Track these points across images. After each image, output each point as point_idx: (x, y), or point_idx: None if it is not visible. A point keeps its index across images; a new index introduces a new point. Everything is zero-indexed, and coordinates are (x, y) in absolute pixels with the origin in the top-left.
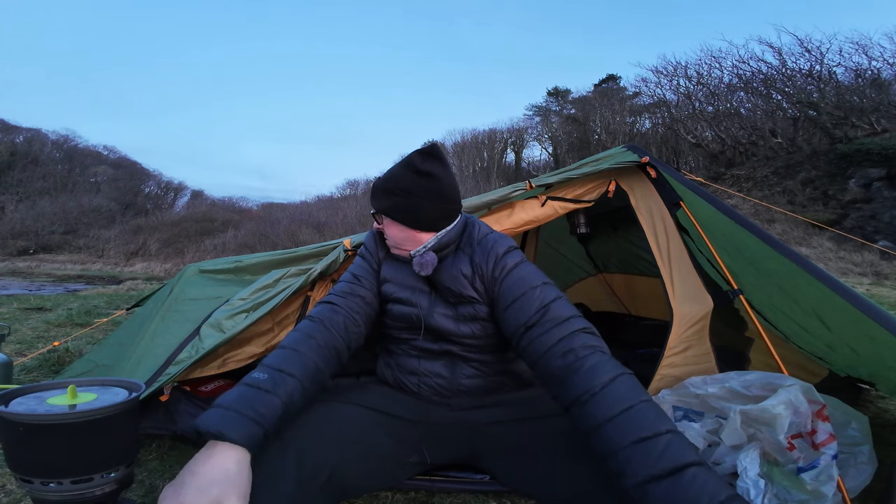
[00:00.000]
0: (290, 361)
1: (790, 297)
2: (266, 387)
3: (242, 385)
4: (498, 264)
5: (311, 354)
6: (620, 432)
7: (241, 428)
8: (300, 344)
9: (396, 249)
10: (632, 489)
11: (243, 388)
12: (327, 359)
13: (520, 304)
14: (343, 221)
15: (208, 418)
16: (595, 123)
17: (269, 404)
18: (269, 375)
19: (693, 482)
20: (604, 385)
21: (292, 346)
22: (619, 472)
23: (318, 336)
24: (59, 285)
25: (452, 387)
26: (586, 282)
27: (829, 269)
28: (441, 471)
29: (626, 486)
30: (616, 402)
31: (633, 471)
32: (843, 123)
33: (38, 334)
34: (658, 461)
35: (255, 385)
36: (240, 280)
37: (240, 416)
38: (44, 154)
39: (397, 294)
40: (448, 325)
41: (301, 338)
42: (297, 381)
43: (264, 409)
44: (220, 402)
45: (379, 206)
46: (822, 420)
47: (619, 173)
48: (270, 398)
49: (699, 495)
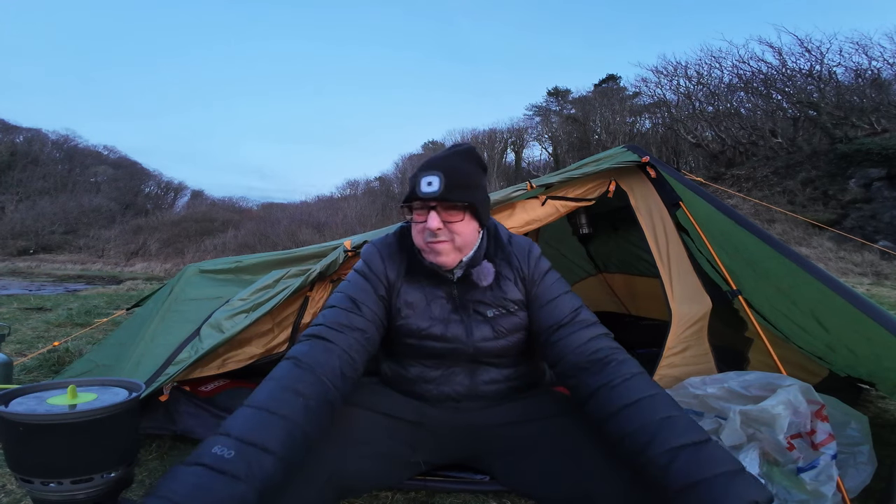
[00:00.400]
0: (267, 431)
1: (789, 297)
2: (233, 472)
3: (199, 466)
4: (536, 267)
5: (297, 418)
6: (651, 409)
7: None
8: (281, 404)
9: (443, 258)
10: (660, 455)
11: (200, 473)
12: (318, 420)
13: (554, 305)
14: (343, 221)
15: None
16: (595, 123)
17: (238, 498)
18: (238, 453)
19: (715, 451)
20: (633, 374)
21: (270, 409)
22: (648, 441)
23: (307, 391)
24: (59, 285)
25: (471, 393)
26: (586, 282)
27: (829, 269)
28: (441, 471)
29: (654, 453)
30: (646, 387)
31: (663, 439)
32: (843, 123)
33: (39, 334)
34: (684, 434)
35: (218, 469)
36: (240, 280)
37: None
38: (44, 154)
39: (428, 329)
40: (488, 346)
41: (283, 394)
42: (276, 458)
43: (230, 503)
44: (167, 493)
45: (466, 199)
46: (822, 420)
47: (619, 173)
48: (239, 488)
49: (721, 460)
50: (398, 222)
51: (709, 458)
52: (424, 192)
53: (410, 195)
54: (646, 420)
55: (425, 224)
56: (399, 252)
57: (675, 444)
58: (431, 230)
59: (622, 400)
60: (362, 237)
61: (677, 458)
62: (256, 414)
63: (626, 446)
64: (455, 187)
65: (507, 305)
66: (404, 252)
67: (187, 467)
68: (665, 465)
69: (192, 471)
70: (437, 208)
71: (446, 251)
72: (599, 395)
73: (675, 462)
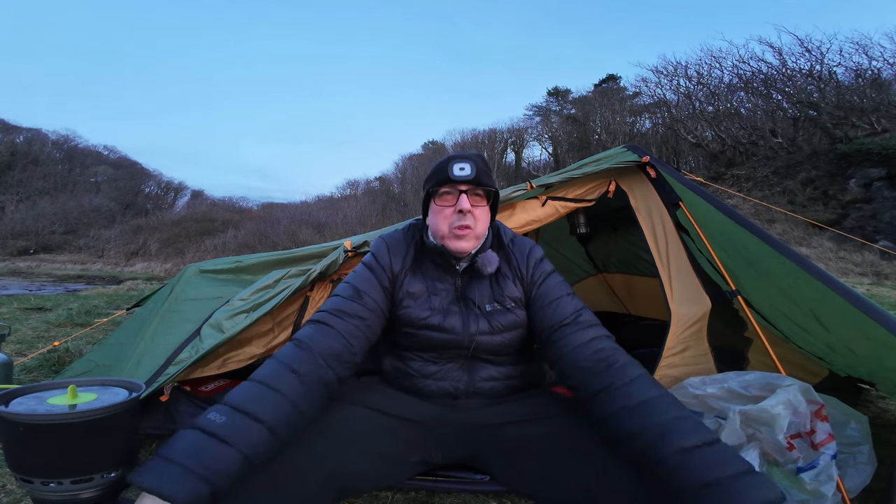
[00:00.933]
0: (260, 402)
1: (789, 297)
2: (222, 435)
3: (195, 430)
4: (536, 269)
5: (290, 393)
6: (658, 410)
7: (183, 485)
8: (277, 379)
9: (464, 244)
10: (670, 456)
11: (195, 435)
12: (311, 397)
13: (556, 305)
14: (343, 221)
15: (148, 470)
16: (595, 123)
17: (222, 457)
18: (229, 419)
19: (726, 451)
20: (637, 377)
21: (266, 382)
22: (656, 442)
23: (303, 369)
24: (59, 285)
25: (469, 389)
26: (586, 282)
27: (829, 269)
28: (441, 471)
29: (664, 454)
30: (650, 388)
31: (673, 440)
32: (843, 123)
33: (39, 334)
34: (694, 434)
35: (210, 431)
36: (240, 280)
37: (184, 470)
38: (44, 154)
39: (428, 319)
40: (484, 340)
41: (280, 371)
42: (265, 427)
43: (215, 464)
44: (164, 452)
45: (493, 185)
46: (821, 420)
47: (619, 173)
48: (225, 450)
49: (732, 461)
50: (398, 223)
51: (720, 459)
52: (457, 176)
53: (442, 179)
54: (653, 421)
55: (454, 207)
56: (406, 245)
57: (685, 444)
58: (464, 211)
59: (627, 401)
60: (362, 237)
61: (689, 458)
62: (254, 387)
63: (632, 447)
64: (484, 175)
65: (504, 302)
66: (411, 245)
67: (186, 430)
68: (675, 466)
69: (188, 433)
70: (468, 192)
71: (469, 237)
72: (602, 396)
73: (687, 463)
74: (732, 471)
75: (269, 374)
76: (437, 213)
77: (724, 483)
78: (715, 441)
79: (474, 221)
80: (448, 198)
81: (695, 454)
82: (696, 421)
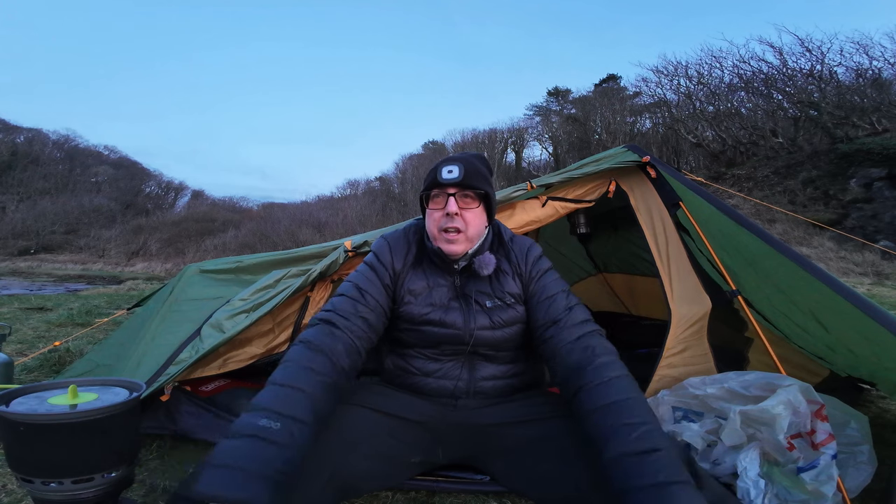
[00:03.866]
0: (297, 405)
1: (789, 297)
2: (281, 440)
3: (251, 438)
4: (534, 266)
5: (317, 394)
6: (617, 413)
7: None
8: (304, 382)
9: (454, 247)
10: (607, 461)
11: (253, 443)
12: (329, 398)
13: (550, 302)
14: (343, 221)
15: (220, 481)
16: (595, 123)
17: (288, 460)
18: (283, 425)
19: (659, 461)
20: (611, 378)
21: (295, 386)
22: (603, 446)
23: (321, 369)
24: (59, 285)
25: (469, 388)
26: (586, 282)
27: (829, 269)
28: (441, 471)
29: (605, 458)
30: (621, 391)
31: (614, 445)
32: (843, 123)
33: (39, 334)
34: (635, 442)
35: (269, 439)
36: (240, 280)
37: (264, 480)
38: (45, 154)
39: (429, 315)
40: (485, 335)
41: (304, 374)
42: (308, 427)
43: (286, 468)
44: (225, 460)
45: (482, 187)
46: (821, 420)
47: (620, 173)
48: (286, 454)
49: (661, 471)
50: (398, 222)
51: (648, 469)
52: (445, 178)
53: (431, 183)
54: (608, 423)
55: (442, 211)
56: (407, 244)
57: (622, 451)
58: (450, 214)
59: (596, 402)
60: (363, 237)
61: (619, 465)
62: (284, 390)
63: (595, 448)
64: (473, 176)
65: (504, 298)
66: (412, 244)
67: (236, 439)
68: (607, 471)
69: (244, 441)
70: (456, 195)
71: (458, 240)
72: (580, 395)
73: (617, 469)
74: (659, 479)
75: (294, 376)
76: (429, 215)
77: (646, 491)
78: (655, 450)
79: (464, 224)
80: (438, 200)
81: (625, 461)
82: (648, 429)
